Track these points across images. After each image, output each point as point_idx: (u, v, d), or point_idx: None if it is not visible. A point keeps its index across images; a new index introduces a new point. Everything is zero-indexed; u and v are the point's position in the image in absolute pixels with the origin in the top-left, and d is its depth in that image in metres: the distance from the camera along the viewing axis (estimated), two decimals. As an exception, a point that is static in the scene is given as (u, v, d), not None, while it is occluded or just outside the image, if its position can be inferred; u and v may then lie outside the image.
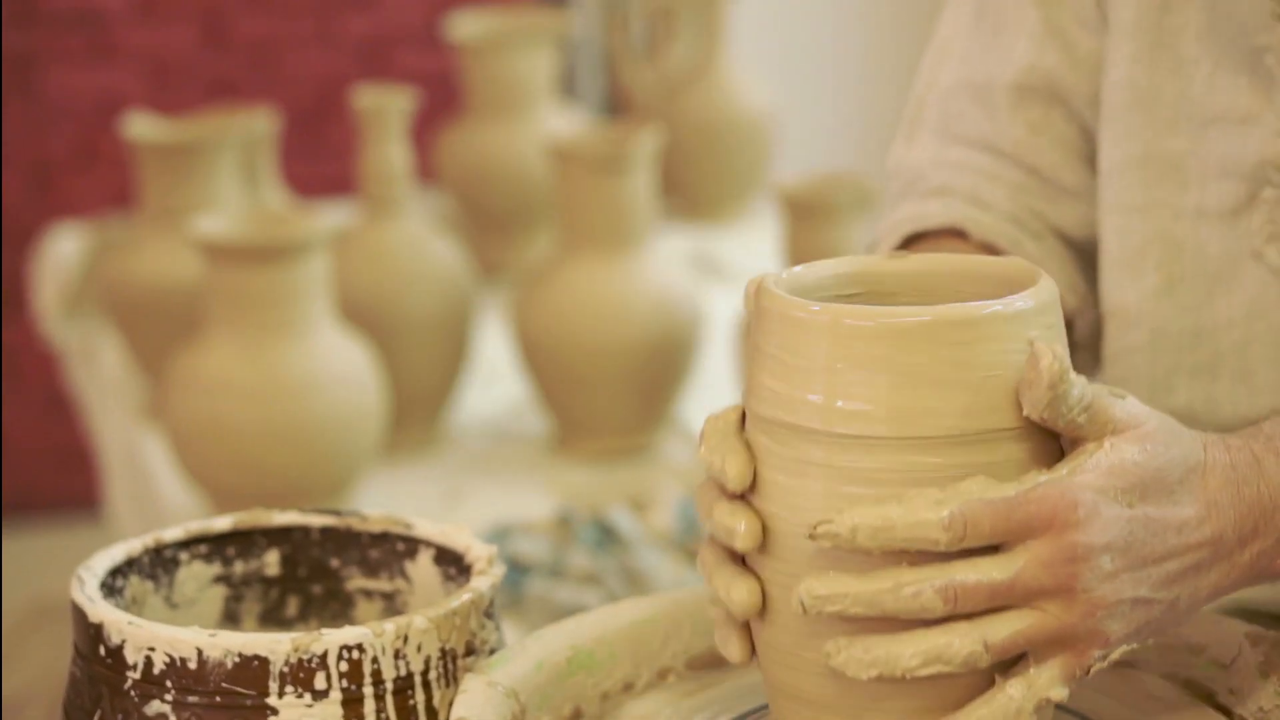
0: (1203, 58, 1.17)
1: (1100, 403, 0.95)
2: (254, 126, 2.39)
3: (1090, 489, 0.94)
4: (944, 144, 1.29)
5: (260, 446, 1.98)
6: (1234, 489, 0.98)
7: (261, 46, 3.83)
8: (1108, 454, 0.95)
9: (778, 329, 0.99)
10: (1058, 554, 0.93)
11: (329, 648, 1.03)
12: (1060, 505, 0.93)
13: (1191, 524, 0.97)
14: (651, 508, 2.03)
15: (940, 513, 0.92)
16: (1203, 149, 1.17)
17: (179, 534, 1.15)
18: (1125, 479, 0.95)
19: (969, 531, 0.93)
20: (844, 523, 0.93)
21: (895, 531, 0.93)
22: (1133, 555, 0.95)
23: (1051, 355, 0.93)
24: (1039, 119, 1.26)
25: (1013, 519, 0.93)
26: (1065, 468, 0.95)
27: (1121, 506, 0.94)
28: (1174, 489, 0.96)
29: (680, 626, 1.14)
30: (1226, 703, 1.08)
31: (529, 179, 2.62)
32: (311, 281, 1.99)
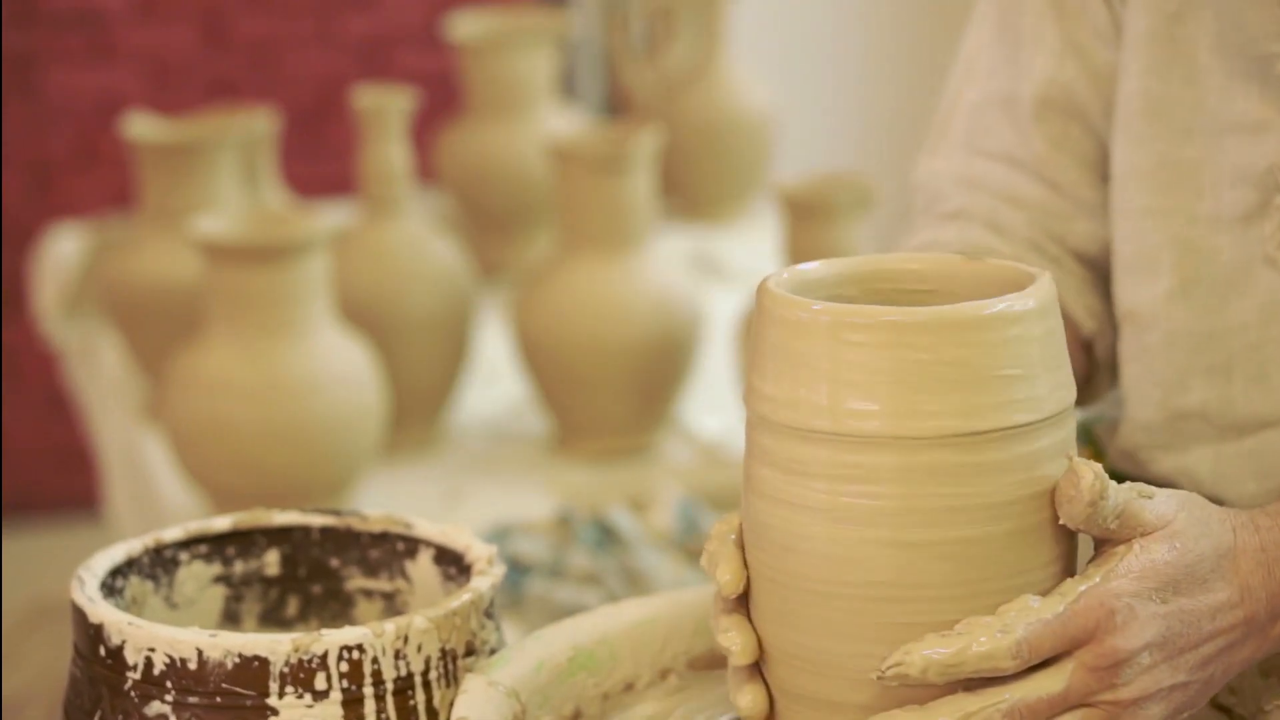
0: (1215, 67, 1.18)
1: (1132, 508, 0.98)
2: (254, 126, 2.39)
3: (1125, 594, 0.97)
4: (968, 157, 1.31)
5: (260, 446, 1.98)
6: (1265, 571, 1.02)
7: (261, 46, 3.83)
8: (1138, 556, 0.98)
9: (778, 329, 0.99)
10: (1100, 660, 0.97)
11: (329, 648, 1.03)
12: (1101, 614, 0.97)
13: (1225, 608, 1.00)
14: (651, 508, 2.03)
15: (1009, 641, 0.96)
16: (1216, 157, 1.18)
17: (179, 534, 1.15)
18: (1158, 579, 0.98)
19: (1033, 655, 0.96)
20: (914, 663, 0.96)
21: (965, 666, 0.96)
22: (1170, 647, 0.98)
23: (1093, 475, 0.97)
24: (1058, 134, 1.27)
25: (1066, 634, 0.97)
26: (1099, 574, 0.98)
27: (1157, 604, 0.98)
28: (1207, 578, 1.00)
29: (680, 626, 1.14)
30: (1226, 703, 1.08)
31: (529, 179, 2.62)
32: (311, 281, 1.99)
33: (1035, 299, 0.98)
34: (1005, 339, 0.96)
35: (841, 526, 0.97)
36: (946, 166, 1.31)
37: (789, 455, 0.98)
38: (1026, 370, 0.97)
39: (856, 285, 1.04)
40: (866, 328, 0.96)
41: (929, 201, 1.32)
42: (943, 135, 1.33)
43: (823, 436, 0.97)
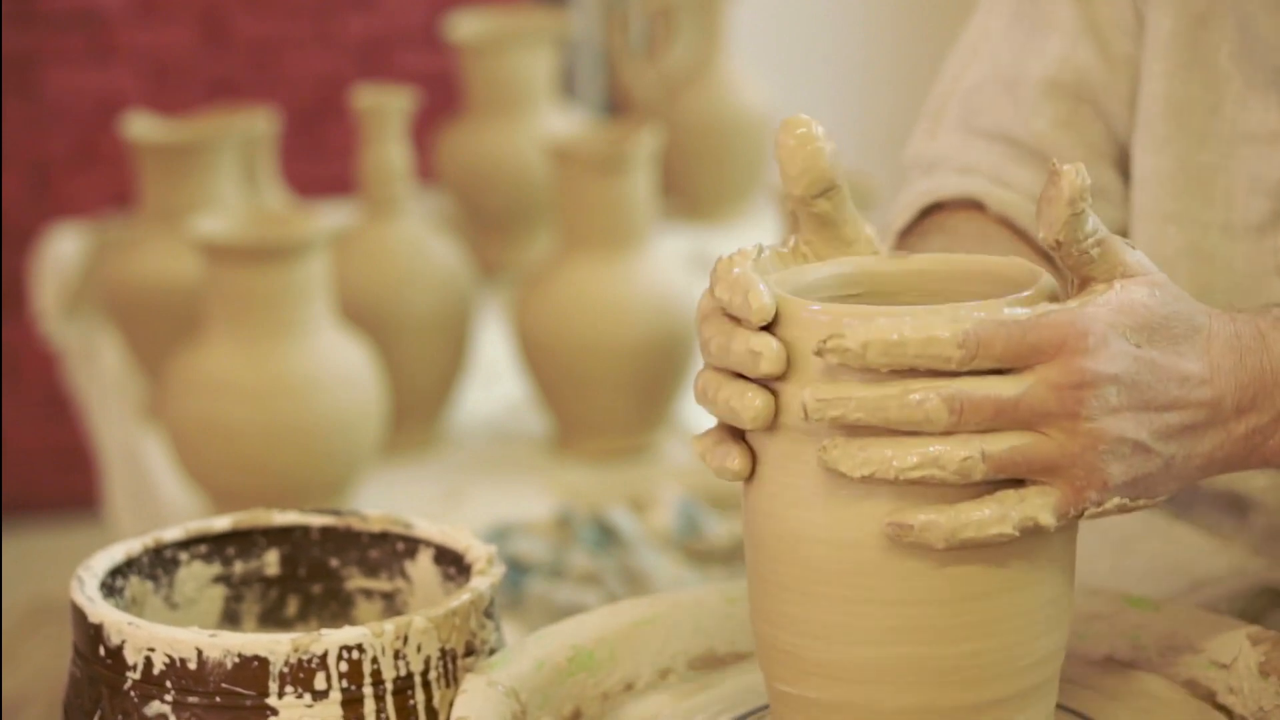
0: (1235, 75, 1.18)
1: (1113, 243, 0.95)
2: (254, 126, 2.39)
3: (1101, 320, 0.94)
4: (965, 137, 1.28)
5: (260, 446, 1.98)
6: (1236, 357, 0.98)
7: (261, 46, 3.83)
8: (1118, 293, 0.95)
9: (779, 329, 0.98)
10: (1066, 378, 0.93)
11: (329, 648, 1.03)
12: (1071, 332, 0.93)
13: (1194, 380, 0.96)
14: (651, 508, 2.03)
15: (954, 330, 0.92)
16: (1232, 165, 1.18)
17: (179, 534, 1.15)
18: (1134, 318, 0.95)
19: (981, 350, 0.92)
20: (855, 337, 0.92)
21: (907, 348, 0.92)
22: (1137, 395, 0.94)
23: (1075, 171, 0.93)
24: (1066, 114, 1.25)
25: (1025, 341, 0.93)
26: (1076, 301, 0.95)
27: (1129, 344, 0.94)
28: (1179, 341, 0.96)
29: (680, 626, 1.14)
30: (1226, 703, 1.08)
31: (529, 179, 2.62)
32: (311, 281, 1.99)
33: (1035, 299, 0.98)
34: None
35: (839, 528, 0.97)
36: (943, 144, 1.30)
37: (789, 454, 0.98)
38: (1026, 370, 0.97)
39: (856, 285, 1.04)
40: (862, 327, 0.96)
41: (930, 167, 1.30)
42: (940, 117, 1.31)
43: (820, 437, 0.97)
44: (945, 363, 0.92)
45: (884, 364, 0.92)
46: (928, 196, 1.28)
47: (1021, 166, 1.26)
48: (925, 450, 0.93)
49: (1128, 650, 1.12)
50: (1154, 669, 1.10)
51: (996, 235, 1.24)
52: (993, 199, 1.25)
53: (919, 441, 0.93)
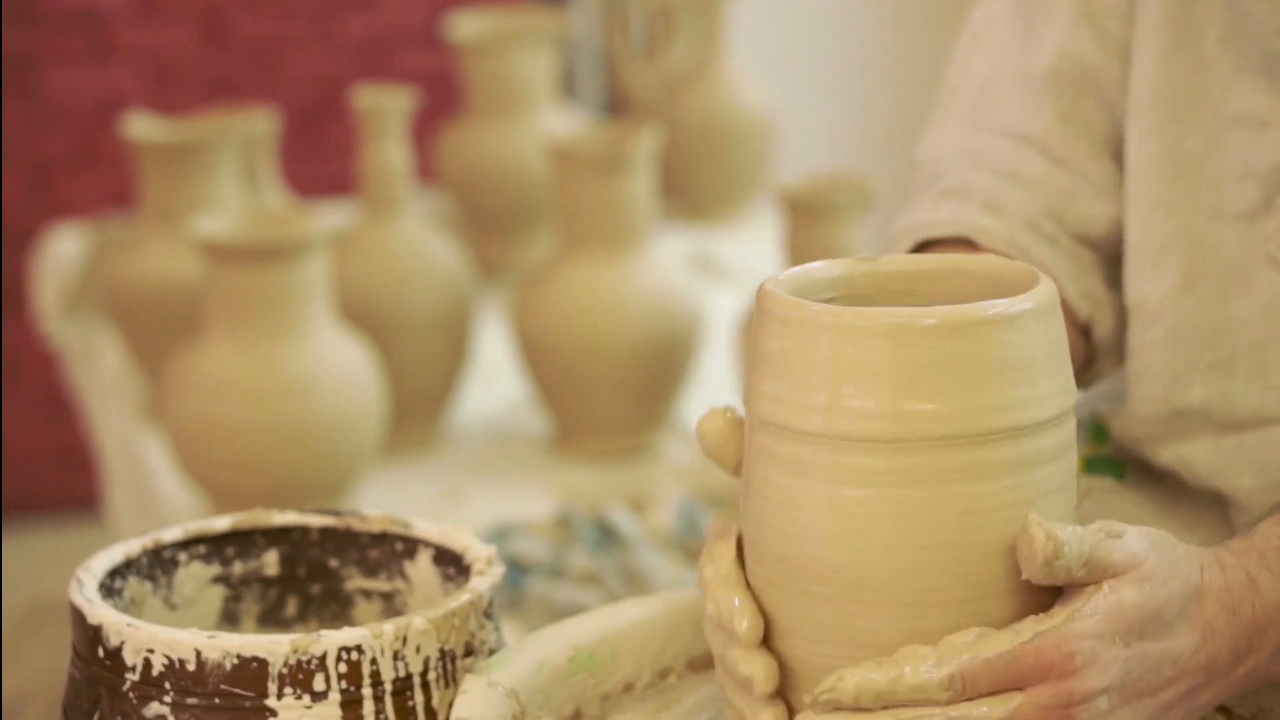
0: (1222, 58, 1.18)
1: (1099, 552, 0.96)
2: (254, 126, 2.39)
3: (1088, 637, 0.95)
4: (973, 131, 1.28)
5: (260, 446, 1.98)
6: (1229, 612, 0.99)
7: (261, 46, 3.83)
8: (1106, 598, 0.96)
9: (779, 330, 0.98)
10: (1054, 700, 0.95)
11: (328, 649, 1.03)
12: (1057, 656, 0.95)
13: (1187, 653, 0.98)
14: (651, 508, 2.03)
15: (940, 674, 0.94)
16: (1221, 150, 1.18)
17: (178, 534, 1.15)
18: (1124, 622, 0.96)
19: (968, 689, 0.94)
20: (846, 689, 0.95)
21: (898, 695, 0.94)
22: (1129, 691, 0.96)
23: (1044, 537, 0.95)
24: (1069, 108, 1.25)
25: (1010, 674, 0.95)
26: (1062, 614, 0.96)
27: (1120, 647, 0.96)
28: (1172, 622, 0.98)
29: (680, 626, 1.14)
30: (1226, 703, 1.08)
31: (529, 179, 2.62)
32: (311, 281, 1.99)
33: (1036, 300, 0.98)
34: (1006, 340, 0.96)
35: (840, 528, 0.97)
36: (949, 141, 1.29)
37: (788, 456, 0.98)
38: (1027, 372, 0.97)
39: (856, 285, 1.04)
40: (866, 329, 0.96)
41: (928, 179, 1.30)
42: (948, 110, 1.30)
43: (822, 438, 0.97)
44: (934, 704, 0.94)
45: (877, 706, 0.95)
46: (923, 231, 1.28)
47: (1017, 184, 1.26)
48: None
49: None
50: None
51: None
52: (983, 235, 1.24)
53: None
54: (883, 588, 0.97)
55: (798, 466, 0.98)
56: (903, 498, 0.96)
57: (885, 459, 0.96)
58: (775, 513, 0.99)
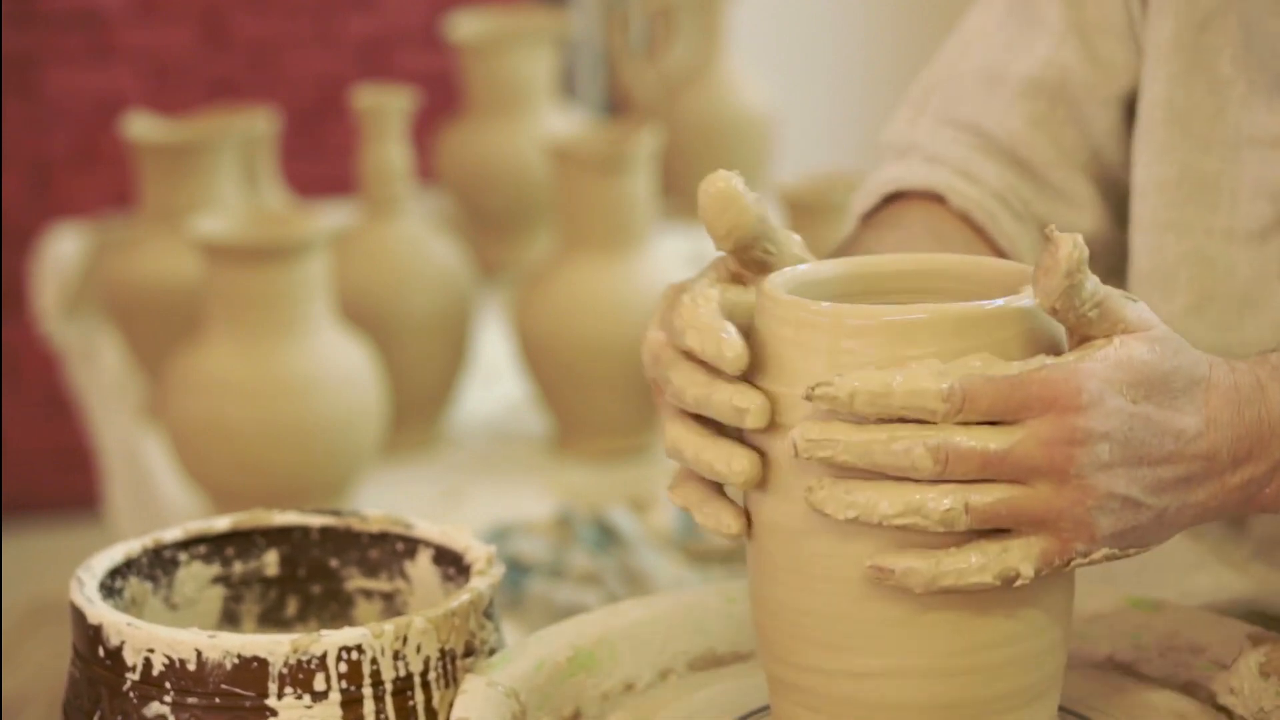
0: (1238, 79, 1.17)
1: (1113, 301, 0.94)
2: (254, 126, 2.39)
3: (1097, 377, 0.93)
4: (938, 125, 1.29)
5: (260, 446, 1.98)
6: (1234, 409, 0.97)
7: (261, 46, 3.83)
8: (1117, 349, 0.94)
9: (779, 329, 0.99)
10: (1056, 434, 0.92)
11: (328, 649, 1.03)
12: (1064, 389, 0.92)
13: (1190, 434, 0.96)
14: (651, 508, 2.03)
15: (940, 384, 0.92)
16: (1236, 170, 1.17)
17: (178, 534, 1.15)
18: (1132, 374, 0.94)
19: (967, 405, 0.92)
20: (843, 386, 0.92)
21: (893, 398, 0.92)
22: (1130, 451, 0.94)
23: (1072, 242, 0.93)
24: (1042, 114, 1.25)
25: (1013, 397, 0.92)
26: (1073, 355, 0.94)
27: (1125, 400, 0.94)
28: (1177, 395, 0.95)
29: (680, 626, 1.14)
30: (1226, 703, 1.08)
31: (529, 179, 2.62)
32: (311, 281, 1.99)
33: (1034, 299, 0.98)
34: (1004, 339, 0.96)
35: (839, 526, 0.97)
36: (915, 132, 1.29)
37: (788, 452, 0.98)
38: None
39: (856, 285, 1.04)
40: (866, 328, 0.96)
41: (898, 154, 1.30)
42: (920, 105, 1.30)
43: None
44: (930, 415, 0.92)
45: (870, 413, 0.93)
46: (892, 185, 1.28)
47: (989, 160, 1.26)
48: (910, 498, 0.93)
49: (1129, 650, 1.12)
50: (1155, 669, 1.10)
51: (953, 233, 1.24)
52: (955, 194, 1.25)
53: (905, 489, 0.93)
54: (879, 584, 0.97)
55: (796, 464, 0.98)
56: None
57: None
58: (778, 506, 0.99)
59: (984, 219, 1.24)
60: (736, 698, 1.10)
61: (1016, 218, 1.25)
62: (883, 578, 0.94)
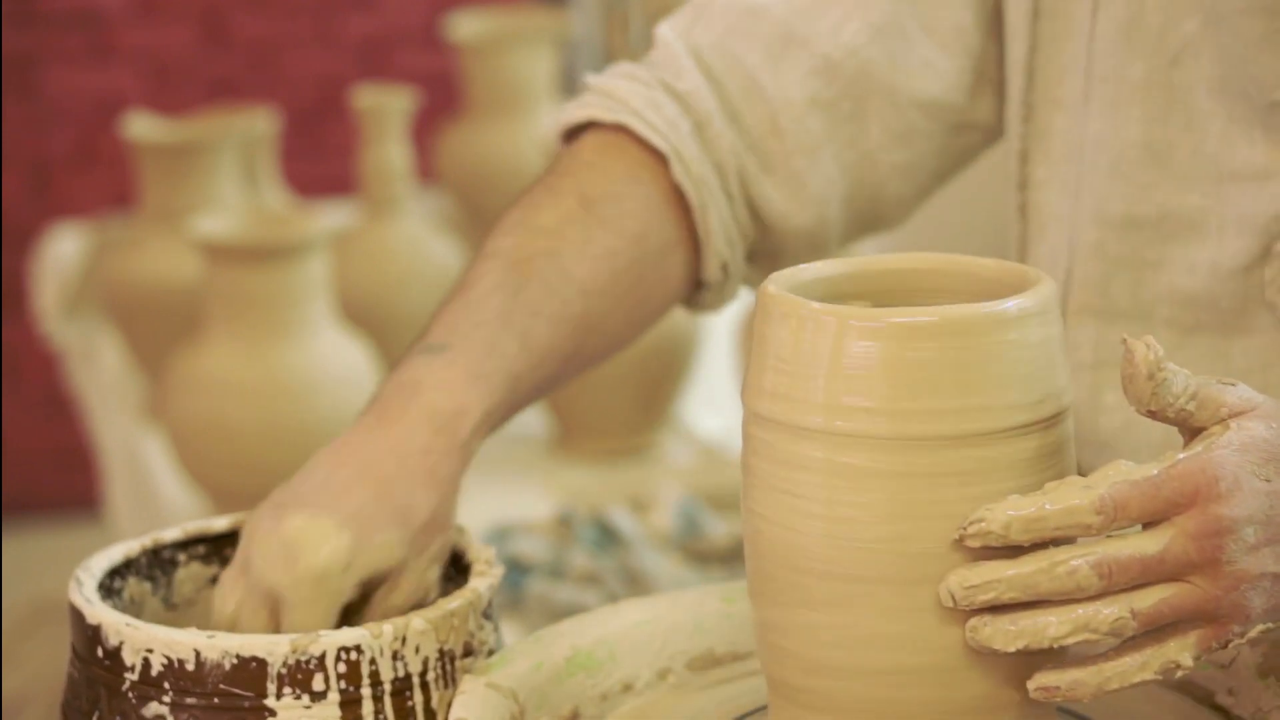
0: (1217, 111, 1.17)
1: (1208, 390, 0.95)
2: (254, 126, 2.39)
3: (1229, 464, 0.94)
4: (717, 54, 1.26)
5: (260, 446, 1.98)
6: None
7: (261, 46, 3.83)
8: (1237, 433, 0.95)
9: (778, 329, 0.99)
10: (1204, 527, 0.93)
11: (327, 649, 1.03)
12: (1203, 480, 0.93)
13: None
14: (651, 508, 2.03)
15: (1090, 497, 0.93)
16: (1219, 205, 1.17)
17: (177, 534, 1.15)
18: (1259, 454, 0.95)
19: (1119, 513, 0.93)
20: (996, 519, 0.93)
21: (1048, 521, 0.93)
22: (1273, 529, 0.95)
23: (1145, 346, 0.94)
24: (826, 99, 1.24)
25: (1159, 497, 0.93)
26: (1200, 445, 0.95)
27: (1260, 480, 0.95)
28: None
29: (680, 626, 1.14)
30: (1226, 703, 1.08)
31: (529, 179, 2.60)
32: (311, 281, 1.99)
33: (1035, 301, 0.98)
34: (1004, 340, 0.96)
35: (838, 527, 0.97)
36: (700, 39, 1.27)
37: (787, 454, 0.98)
38: (1025, 371, 0.97)
39: (857, 285, 1.04)
40: (866, 328, 0.96)
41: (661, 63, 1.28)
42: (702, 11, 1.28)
43: (820, 435, 0.97)
44: (1085, 530, 0.93)
45: (1027, 539, 0.93)
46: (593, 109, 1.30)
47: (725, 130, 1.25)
48: (1076, 615, 0.94)
49: (1127, 651, 1.11)
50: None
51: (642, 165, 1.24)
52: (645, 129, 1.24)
53: (1068, 606, 0.94)
54: (879, 584, 0.97)
55: (795, 464, 0.98)
56: (902, 496, 0.96)
57: (883, 457, 0.96)
58: (774, 510, 0.99)
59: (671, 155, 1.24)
60: (735, 697, 1.10)
61: (728, 198, 1.25)
62: (1049, 696, 0.95)
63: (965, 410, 0.96)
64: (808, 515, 0.98)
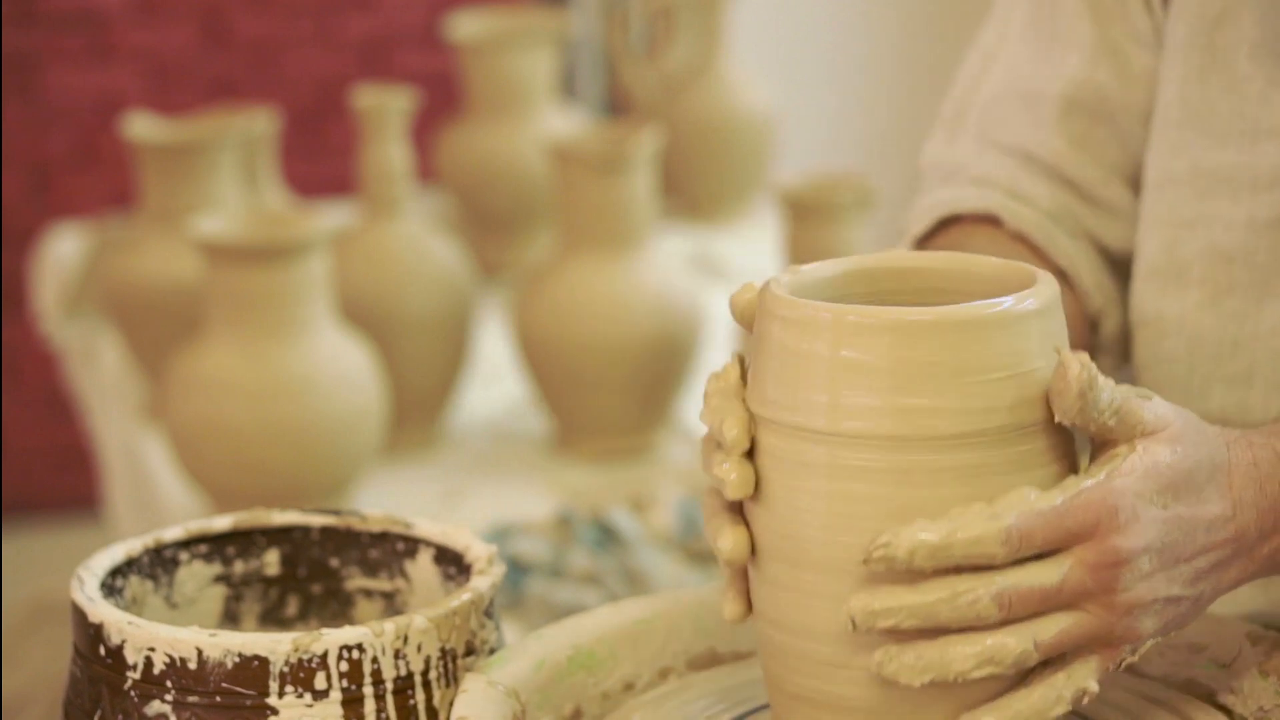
0: (1256, 74, 1.18)
1: (1129, 405, 0.97)
2: (254, 126, 2.39)
3: (1129, 493, 0.96)
4: (979, 148, 1.29)
5: (260, 446, 1.98)
6: (1257, 486, 1.00)
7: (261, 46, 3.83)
8: (1141, 457, 0.97)
9: (779, 329, 0.99)
10: (1102, 558, 0.95)
11: (329, 648, 1.03)
12: (1103, 510, 0.95)
13: (1219, 522, 0.99)
14: (651, 508, 2.03)
15: (997, 526, 0.94)
16: (1254, 160, 1.18)
17: (179, 534, 1.15)
18: (1160, 480, 0.97)
19: (1024, 544, 0.94)
20: (901, 545, 0.94)
21: (954, 550, 0.94)
22: (1167, 555, 0.97)
23: (1079, 364, 0.95)
24: (1082, 133, 1.26)
25: (1062, 527, 0.95)
26: (1103, 471, 0.96)
27: (1157, 508, 0.96)
28: (1203, 487, 0.98)
29: (680, 626, 1.14)
30: (1226, 703, 1.08)
31: (529, 179, 2.62)
32: (311, 281, 1.99)
33: (1037, 300, 0.98)
34: (1006, 339, 0.96)
35: (840, 527, 0.97)
36: (956, 154, 1.30)
37: (789, 454, 0.98)
38: (1027, 371, 0.97)
39: (858, 285, 1.04)
40: (867, 328, 0.96)
41: (949, 174, 1.30)
42: (956, 124, 1.31)
43: (822, 436, 0.97)
44: (990, 560, 0.94)
45: (931, 566, 0.94)
46: (946, 207, 1.28)
47: (1037, 181, 1.26)
48: (981, 649, 0.95)
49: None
50: (1154, 668, 1.10)
51: (1012, 253, 1.24)
52: (1009, 214, 1.25)
53: (972, 640, 0.95)
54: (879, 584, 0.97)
55: (799, 464, 0.98)
56: (903, 495, 0.96)
57: (886, 457, 0.96)
58: (775, 511, 0.99)
59: (1041, 239, 1.25)
60: (736, 697, 1.10)
61: (1071, 235, 1.26)
62: None
63: (966, 410, 0.96)
64: (809, 514, 0.98)
